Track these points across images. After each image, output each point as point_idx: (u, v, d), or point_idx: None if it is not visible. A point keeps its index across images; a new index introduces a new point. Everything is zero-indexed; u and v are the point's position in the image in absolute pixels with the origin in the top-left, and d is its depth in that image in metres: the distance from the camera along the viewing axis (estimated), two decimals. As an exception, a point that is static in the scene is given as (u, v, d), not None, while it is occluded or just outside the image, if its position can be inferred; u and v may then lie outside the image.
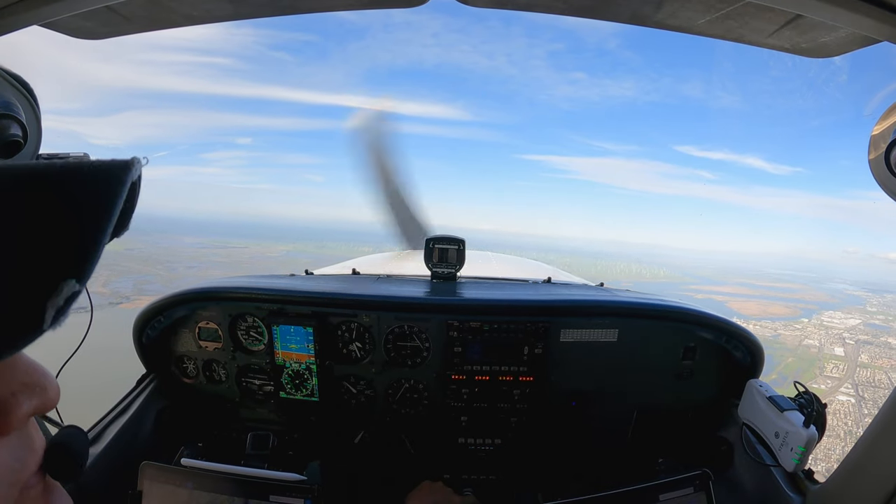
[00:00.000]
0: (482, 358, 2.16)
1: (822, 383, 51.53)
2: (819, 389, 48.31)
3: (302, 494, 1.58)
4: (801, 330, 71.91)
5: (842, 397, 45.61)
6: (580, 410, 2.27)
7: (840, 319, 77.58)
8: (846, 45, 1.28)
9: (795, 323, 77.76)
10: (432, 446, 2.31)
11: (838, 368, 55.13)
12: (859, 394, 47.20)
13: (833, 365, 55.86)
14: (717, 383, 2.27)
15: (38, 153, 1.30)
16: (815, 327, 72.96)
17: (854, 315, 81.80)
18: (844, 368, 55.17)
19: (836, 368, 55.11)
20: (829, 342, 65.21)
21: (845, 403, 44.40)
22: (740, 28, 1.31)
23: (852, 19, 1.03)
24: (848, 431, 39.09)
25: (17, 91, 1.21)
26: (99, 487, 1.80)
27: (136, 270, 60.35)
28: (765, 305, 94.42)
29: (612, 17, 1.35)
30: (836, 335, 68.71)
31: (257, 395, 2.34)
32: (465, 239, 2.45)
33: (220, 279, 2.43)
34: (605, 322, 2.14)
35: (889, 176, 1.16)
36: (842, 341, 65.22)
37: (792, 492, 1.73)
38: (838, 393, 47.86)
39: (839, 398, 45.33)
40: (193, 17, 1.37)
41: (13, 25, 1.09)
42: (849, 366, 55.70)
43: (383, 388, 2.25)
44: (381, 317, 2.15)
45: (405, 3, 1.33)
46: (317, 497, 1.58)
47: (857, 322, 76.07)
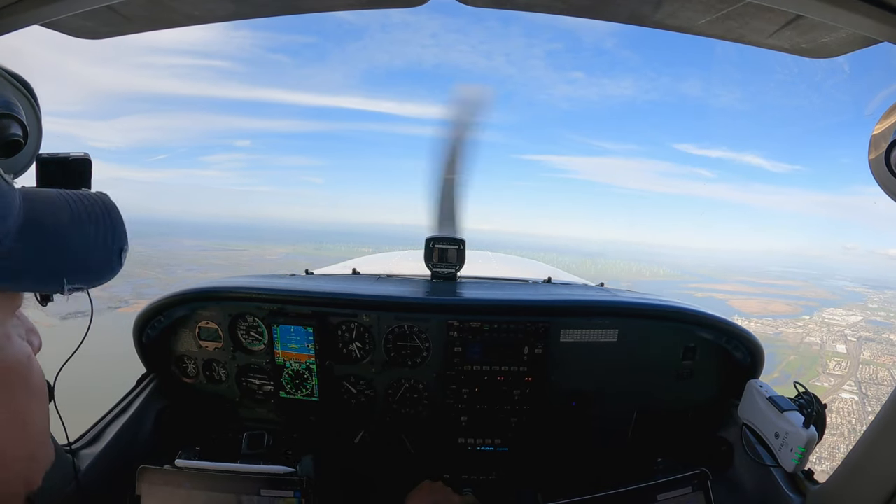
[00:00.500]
0: (482, 358, 2.16)
1: (825, 381, 50.84)
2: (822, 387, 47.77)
3: (291, 487, 1.60)
4: (803, 327, 71.22)
5: (845, 395, 44.92)
6: (580, 410, 2.27)
7: (841, 316, 76.78)
8: (846, 45, 1.28)
9: (797, 320, 77.03)
10: (432, 446, 2.31)
11: (841, 366, 54.42)
12: (862, 391, 46.92)
13: (835, 362, 55.15)
14: (717, 383, 2.27)
15: (39, 153, 1.30)
16: (816, 324, 72.25)
17: (855, 312, 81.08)
18: (847, 366, 54.43)
19: (839, 366, 54.39)
20: (830, 339, 64.47)
21: (849, 401, 44.10)
22: (740, 28, 1.31)
23: (852, 20, 1.03)
24: (852, 430, 38.93)
25: (17, 90, 1.21)
26: (99, 489, 1.80)
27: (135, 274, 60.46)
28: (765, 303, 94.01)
29: (612, 17, 1.35)
30: (838, 332, 67.92)
31: (257, 395, 2.34)
32: (464, 239, 2.45)
33: (220, 279, 2.43)
34: (606, 322, 2.14)
35: (889, 176, 1.16)
36: (843, 338, 64.51)
37: (792, 492, 1.73)
38: (841, 391, 47.38)
39: (842, 396, 44.64)
40: (194, 16, 1.37)
41: (13, 25, 1.09)
42: (851, 363, 54.98)
43: (383, 388, 2.25)
44: (382, 317, 2.15)
45: (405, 3, 1.33)
46: (306, 489, 1.59)
47: (858, 319, 75.33)
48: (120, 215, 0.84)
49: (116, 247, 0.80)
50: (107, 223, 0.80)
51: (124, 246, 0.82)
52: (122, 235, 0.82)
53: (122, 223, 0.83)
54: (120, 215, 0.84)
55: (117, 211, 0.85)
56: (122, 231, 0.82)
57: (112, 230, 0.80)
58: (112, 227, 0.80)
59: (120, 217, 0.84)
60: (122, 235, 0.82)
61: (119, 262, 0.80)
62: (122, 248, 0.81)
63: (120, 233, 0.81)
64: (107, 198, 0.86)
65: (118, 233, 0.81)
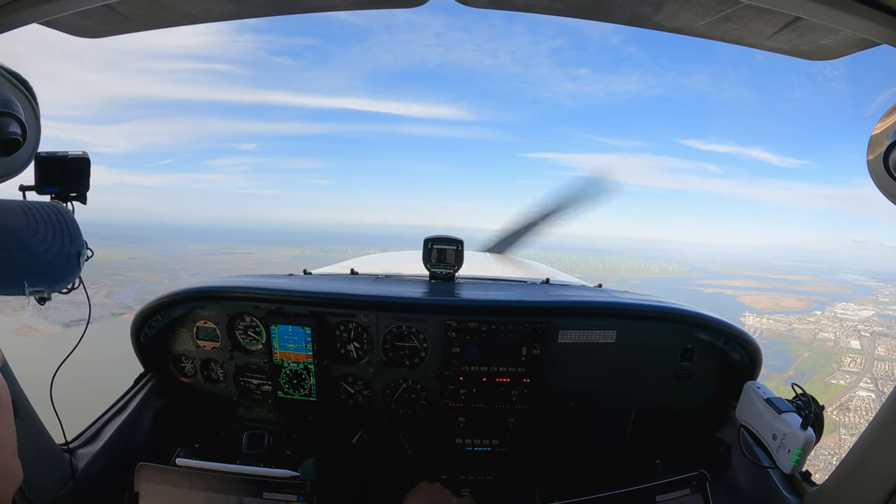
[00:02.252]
0: (480, 358, 2.16)
1: (842, 378, 49.65)
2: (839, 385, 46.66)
3: (295, 491, 1.59)
4: (815, 323, 69.33)
5: (862, 393, 43.33)
6: (578, 411, 2.26)
7: (853, 311, 74.52)
8: (845, 47, 1.28)
9: (809, 316, 75.66)
10: (430, 447, 2.31)
11: (856, 362, 52.62)
12: (879, 388, 46.17)
13: (850, 359, 53.27)
14: (715, 385, 2.27)
15: (37, 151, 1.30)
16: (828, 320, 70.19)
17: (867, 306, 79.73)
18: (862, 362, 52.73)
19: (854, 362, 52.57)
20: (844, 335, 62.57)
21: (866, 399, 43.40)
22: (739, 30, 1.31)
23: (851, 22, 1.04)
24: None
25: (16, 89, 1.21)
26: (97, 487, 1.79)
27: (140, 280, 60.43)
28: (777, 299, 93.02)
29: (612, 19, 1.35)
30: (851, 327, 66.26)
31: (255, 395, 2.33)
32: (463, 239, 2.44)
33: (218, 279, 2.43)
34: (604, 323, 2.14)
35: (887, 177, 1.17)
36: (857, 334, 62.49)
37: (789, 493, 1.73)
38: (858, 388, 46.47)
39: (860, 394, 43.67)
40: (193, 15, 1.37)
41: (13, 23, 1.09)
42: (866, 359, 53.21)
43: (381, 388, 2.25)
44: (380, 317, 2.15)
45: (405, 4, 1.33)
46: (310, 493, 1.59)
47: (870, 313, 73.03)
48: (75, 222, 0.92)
49: (74, 251, 0.87)
50: (63, 229, 0.86)
51: (82, 250, 0.89)
52: (79, 240, 0.90)
53: (77, 229, 0.91)
54: (75, 222, 0.92)
55: (73, 218, 0.94)
56: (78, 236, 0.90)
57: (69, 235, 0.87)
58: (69, 233, 0.87)
59: (75, 223, 0.92)
60: (79, 240, 0.90)
61: (78, 265, 0.87)
62: (80, 252, 0.89)
63: (76, 237, 0.89)
64: (62, 206, 0.95)
65: (75, 237, 0.89)
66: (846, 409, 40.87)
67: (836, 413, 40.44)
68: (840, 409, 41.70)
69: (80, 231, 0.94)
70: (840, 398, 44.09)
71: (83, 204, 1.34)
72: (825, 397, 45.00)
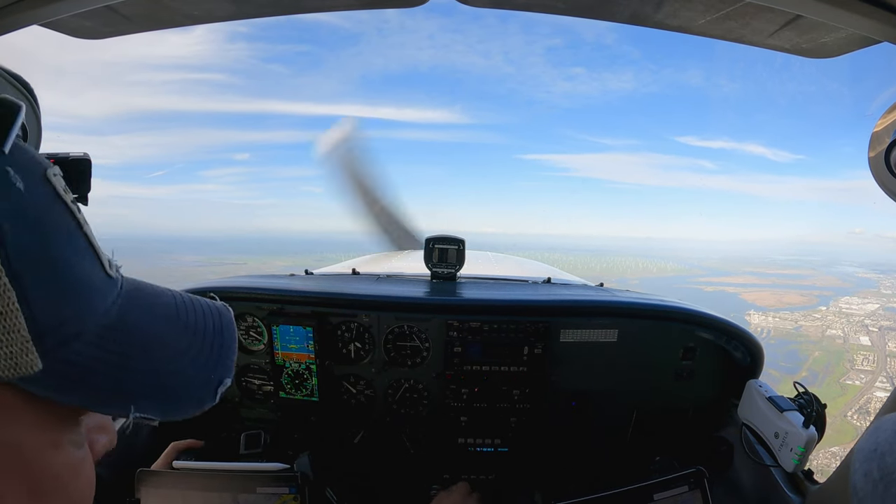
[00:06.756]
0: (482, 358, 2.16)
1: (857, 379, 47.66)
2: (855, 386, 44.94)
3: (287, 483, 1.60)
4: (822, 319, 68.36)
5: (879, 393, 42.05)
6: (580, 411, 2.26)
7: (858, 305, 73.92)
8: (846, 45, 1.28)
9: (814, 312, 73.82)
10: (432, 446, 2.31)
11: (868, 360, 51.77)
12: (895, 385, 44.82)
13: (862, 356, 52.38)
14: (717, 383, 2.27)
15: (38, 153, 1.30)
16: (834, 315, 69.35)
17: (871, 299, 77.30)
18: (875, 359, 51.80)
19: (867, 360, 51.69)
20: (852, 331, 61.59)
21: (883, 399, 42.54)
22: (740, 28, 1.31)
23: (852, 20, 1.03)
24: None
25: (17, 90, 1.21)
26: (97, 494, 1.79)
27: None
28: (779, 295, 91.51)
29: (612, 18, 1.35)
30: (858, 322, 64.83)
31: (257, 395, 2.33)
32: (464, 239, 2.44)
33: (219, 279, 2.43)
34: (605, 322, 2.14)
35: (888, 174, 1.17)
36: (865, 329, 61.82)
37: (791, 492, 1.73)
38: (875, 389, 44.40)
39: (877, 395, 41.82)
40: (194, 16, 1.37)
41: (13, 25, 1.09)
42: (878, 356, 52.23)
43: (383, 388, 2.25)
44: (381, 317, 2.15)
45: (404, 3, 1.33)
46: (301, 485, 1.60)
47: (875, 306, 72.27)
48: (234, 337, 0.67)
49: (216, 377, 0.62)
50: (215, 343, 0.63)
51: (224, 379, 0.63)
52: (227, 362, 0.65)
53: (233, 348, 0.66)
54: (234, 337, 0.67)
55: (233, 330, 0.67)
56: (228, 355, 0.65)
57: (218, 353, 0.63)
58: (219, 349, 0.64)
59: (233, 339, 0.67)
60: (227, 362, 0.65)
61: (212, 398, 0.62)
62: (222, 382, 0.63)
63: (225, 358, 0.64)
64: (226, 311, 0.68)
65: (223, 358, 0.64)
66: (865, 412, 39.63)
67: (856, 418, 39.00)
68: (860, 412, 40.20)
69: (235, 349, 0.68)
70: (858, 401, 42.91)
71: (84, 205, 1.34)
72: (843, 400, 43.49)
